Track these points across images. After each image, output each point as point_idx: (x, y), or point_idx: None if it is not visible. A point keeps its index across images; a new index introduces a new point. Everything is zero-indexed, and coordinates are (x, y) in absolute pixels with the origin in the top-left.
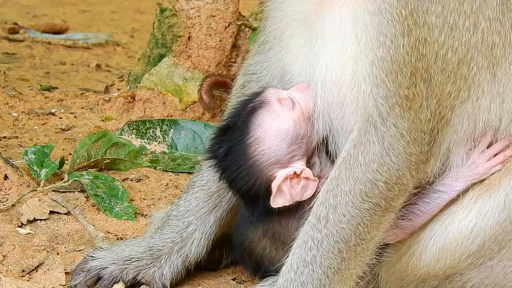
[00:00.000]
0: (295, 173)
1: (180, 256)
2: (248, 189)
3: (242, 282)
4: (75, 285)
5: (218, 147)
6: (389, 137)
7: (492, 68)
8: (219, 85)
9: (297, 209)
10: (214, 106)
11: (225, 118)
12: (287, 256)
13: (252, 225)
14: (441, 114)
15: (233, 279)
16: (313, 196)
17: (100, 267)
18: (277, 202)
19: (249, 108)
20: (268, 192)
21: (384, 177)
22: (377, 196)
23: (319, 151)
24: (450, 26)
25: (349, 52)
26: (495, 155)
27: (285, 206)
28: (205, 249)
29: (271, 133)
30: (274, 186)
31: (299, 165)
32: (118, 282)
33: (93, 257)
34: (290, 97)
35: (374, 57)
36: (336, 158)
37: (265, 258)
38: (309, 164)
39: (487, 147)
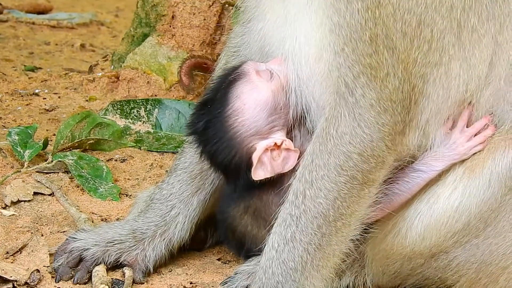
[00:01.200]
0: (275, 144)
1: (163, 239)
2: (229, 162)
3: (227, 262)
4: (58, 266)
5: (198, 121)
6: (359, 108)
7: (456, 32)
8: (200, 67)
9: (278, 185)
10: (193, 87)
11: (205, 93)
12: (269, 235)
13: (233, 202)
14: (411, 83)
15: (218, 259)
16: (294, 171)
17: (82, 248)
18: (258, 174)
19: (228, 81)
20: (249, 165)
21: (357, 149)
22: (353, 169)
23: (299, 124)
24: None
25: (311, 22)
26: (475, 135)
27: (266, 180)
28: (188, 232)
29: (249, 103)
30: (254, 157)
31: (279, 136)
32: (99, 264)
33: (75, 238)
34: (269, 69)
35: (331, 24)
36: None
37: (247, 236)
38: (290, 136)
39: (467, 127)
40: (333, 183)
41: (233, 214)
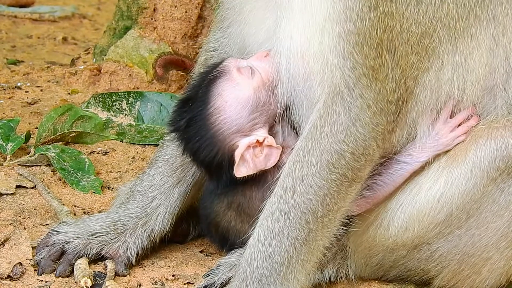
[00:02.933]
0: (257, 141)
1: (145, 231)
2: (211, 159)
3: (209, 254)
4: (40, 259)
5: (180, 119)
6: (356, 107)
7: (454, 40)
8: (176, 64)
9: (261, 181)
10: (167, 77)
11: (186, 91)
12: (254, 228)
13: (217, 197)
14: (406, 84)
15: (201, 252)
16: (277, 167)
17: (64, 241)
18: (241, 171)
19: (209, 78)
20: (231, 162)
21: (350, 148)
22: (344, 167)
23: (281, 120)
24: (417, 0)
25: (316, 25)
26: (459, 125)
27: (249, 177)
28: (169, 223)
29: (231, 101)
30: (237, 155)
31: (261, 133)
32: (81, 257)
33: (57, 231)
34: (250, 66)
35: (341, 30)
36: (299, 128)
37: (230, 231)
38: (272, 132)
39: (450, 117)
40: (324, 180)
41: (216, 210)
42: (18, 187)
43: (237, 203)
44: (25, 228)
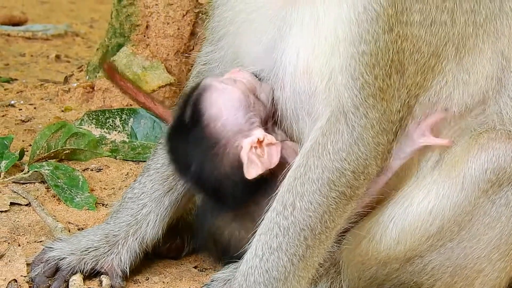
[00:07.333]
0: (258, 140)
1: (136, 239)
2: (218, 176)
3: (204, 270)
4: (35, 276)
5: (188, 164)
6: (359, 127)
7: (460, 59)
8: (115, 80)
9: (272, 182)
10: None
11: (172, 117)
12: (250, 243)
13: (220, 213)
14: (409, 104)
15: (195, 267)
16: (282, 164)
17: (58, 257)
18: (251, 172)
19: (194, 99)
20: (239, 167)
21: (352, 166)
22: (344, 185)
23: (274, 126)
24: (430, 22)
25: (327, 45)
26: None
27: (261, 181)
28: (161, 231)
29: (225, 105)
30: (243, 155)
31: (259, 132)
32: (76, 273)
33: (51, 248)
34: (230, 77)
35: (355, 51)
36: (295, 139)
37: (232, 242)
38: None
39: None
40: (324, 197)
41: (217, 224)
42: (12, 204)
43: (244, 213)
44: (19, 245)
